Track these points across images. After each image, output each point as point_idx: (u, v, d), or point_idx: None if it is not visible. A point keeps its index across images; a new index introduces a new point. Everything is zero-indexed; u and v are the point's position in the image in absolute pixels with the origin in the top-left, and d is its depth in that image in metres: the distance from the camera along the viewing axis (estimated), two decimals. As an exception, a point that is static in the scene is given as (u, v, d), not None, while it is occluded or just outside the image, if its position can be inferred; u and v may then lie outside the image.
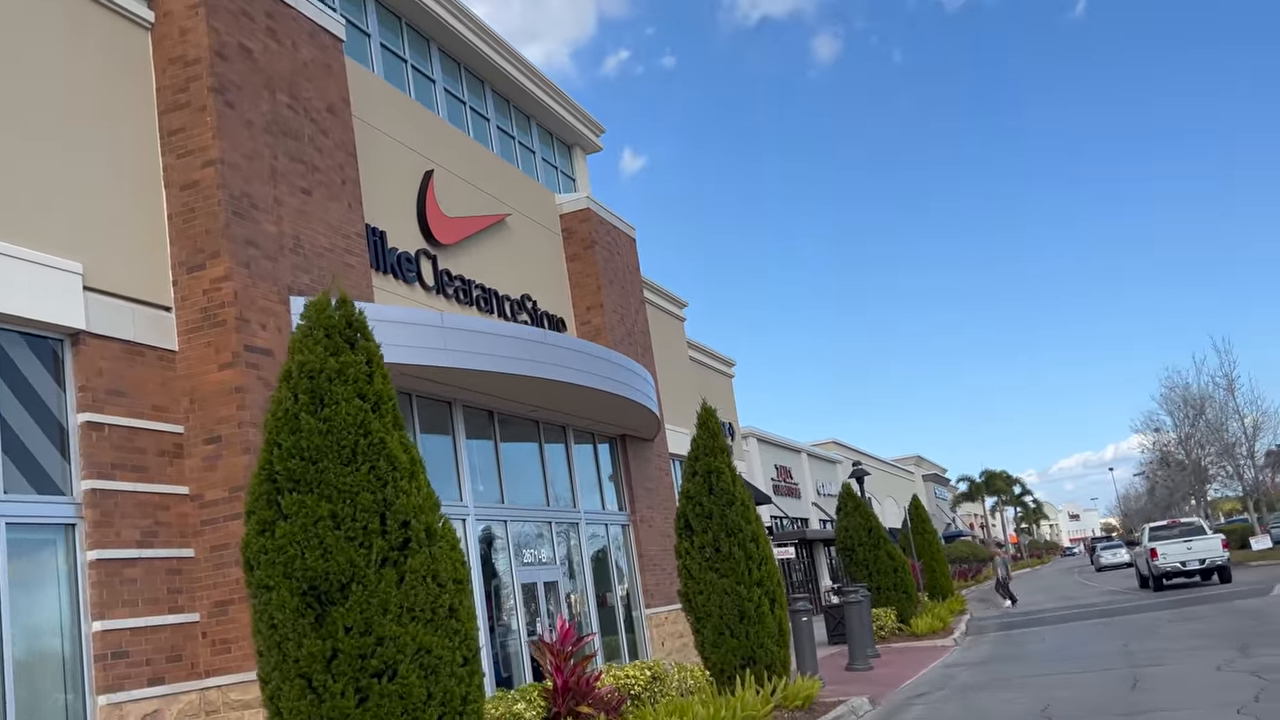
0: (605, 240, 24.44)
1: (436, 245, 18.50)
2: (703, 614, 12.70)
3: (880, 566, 24.69)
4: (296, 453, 6.56)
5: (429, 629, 6.51)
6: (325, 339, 6.84)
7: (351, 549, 6.42)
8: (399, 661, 6.37)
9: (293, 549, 6.41)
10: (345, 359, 6.80)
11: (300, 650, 6.34)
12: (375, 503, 6.55)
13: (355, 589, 6.37)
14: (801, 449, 49.40)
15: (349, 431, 6.61)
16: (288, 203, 14.28)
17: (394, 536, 6.57)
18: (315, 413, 6.64)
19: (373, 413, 6.76)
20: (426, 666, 6.45)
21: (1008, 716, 11.27)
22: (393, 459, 6.69)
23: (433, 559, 6.64)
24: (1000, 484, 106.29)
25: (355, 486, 6.53)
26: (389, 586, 6.43)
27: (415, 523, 6.63)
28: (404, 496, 6.64)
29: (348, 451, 6.60)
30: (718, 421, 13.56)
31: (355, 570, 6.41)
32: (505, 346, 16.65)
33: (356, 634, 6.34)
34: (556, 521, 20.46)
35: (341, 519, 6.47)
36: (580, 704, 8.88)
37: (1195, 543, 31.14)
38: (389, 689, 6.31)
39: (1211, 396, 49.54)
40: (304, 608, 6.39)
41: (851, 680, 16.29)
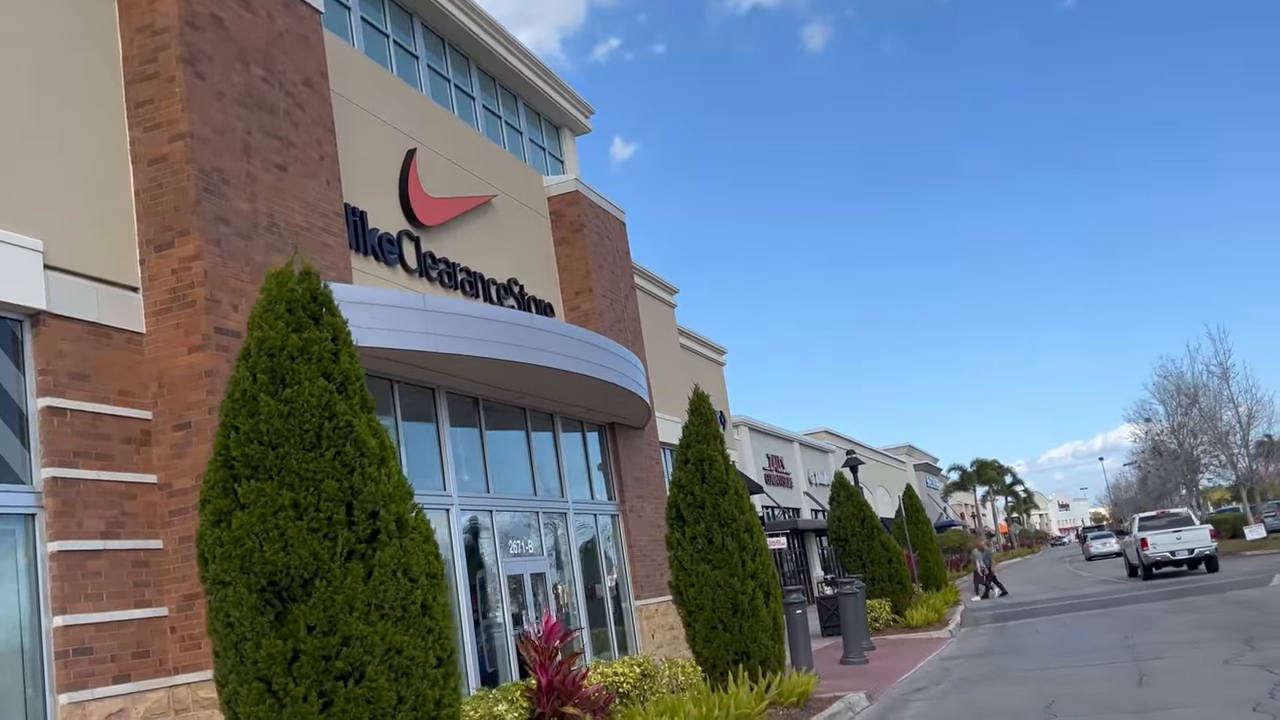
0: (594, 223, 23.91)
1: (420, 227, 17.95)
2: (694, 607, 12.21)
3: (874, 557, 24.24)
4: (255, 437, 6.05)
5: (399, 628, 6.01)
6: (287, 314, 6.32)
7: (315, 541, 5.91)
8: (366, 663, 5.86)
9: (250, 541, 5.90)
10: (309, 335, 6.28)
11: (259, 651, 5.84)
12: (341, 491, 6.04)
13: (319, 585, 5.87)
14: (794, 438, 48.97)
15: (312, 414, 6.10)
16: (262, 179, 13.72)
17: (361, 528, 6.06)
18: (275, 394, 6.12)
19: (338, 394, 6.24)
20: (397, 668, 5.95)
21: (1011, 714, 10.81)
22: (360, 444, 6.18)
23: (404, 552, 6.13)
24: (991, 473, 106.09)
25: (319, 473, 6.02)
26: (356, 582, 5.92)
27: (385, 513, 6.12)
28: (372, 484, 6.13)
29: (311, 435, 6.08)
30: (710, 407, 13.05)
31: (319, 564, 5.90)
32: (490, 330, 16.12)
33: (320, 633, 5.83)
34: (544, 511, 19.97)
35: (304, 509, 5.96)
36: (566, 704, 8.39)
37: (1184, 533, 31.80)
38: (355, 693, 5.81)
39: (1206, 385, 49.24)
40: (263, 605, 5.88)
41: (847, 674, 15.83)
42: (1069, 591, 32.38)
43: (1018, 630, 21.06)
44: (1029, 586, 39.40)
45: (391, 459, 6.36)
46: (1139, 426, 60.54)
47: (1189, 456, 53.82)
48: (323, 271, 14.63)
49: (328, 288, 6.58)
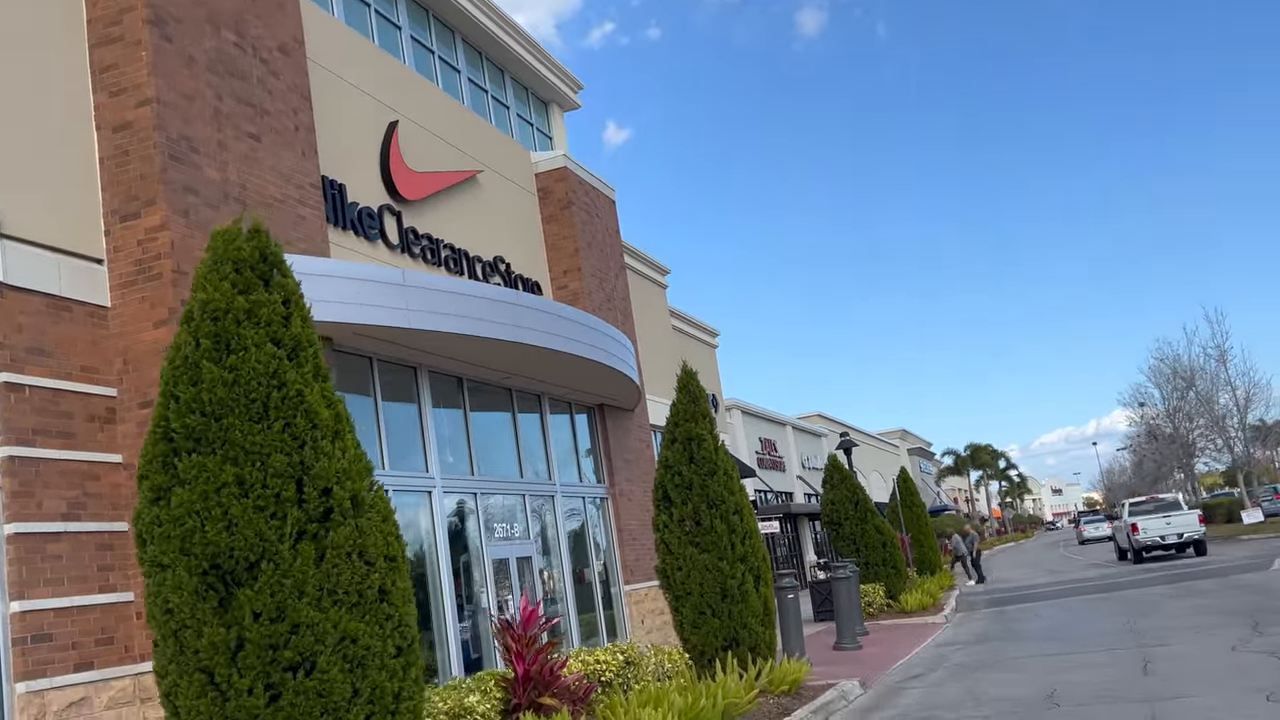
0: (583, 201, 23.38)
1: (401, 201, 17.43)
2: (682, 592, 11.75)
3: (868, 541, 23.81)
4: (196, 407, 5.56)
5: (354, 614, 5.54)
6: (234, 274, 5.82)
7: (261, 520, 5.43)
8: (318, 653, 5.39)
9: (191, 520, 5.41)
10: (257, 297, 5.78)
11: (200, 640, 5.37)
12: (290, 466, 5.56)
13: (265, 567, 5.39)
14: (786, 422, 48.55)
15: (259, 382, 5.61)
16: (233, 148, 13.20)
17: (313, 506, 5.58)
18: (219, 360, 5.63)
19: (289, 361, 5.75)
20: (351, 658, 5.48)
21: (1012, 702, 10.37)
22: (312, 415, 5.69)
23: (359, 532, 5.65)
24: (985, 458, 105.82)
25: (266, 447, 5.53)
26: (306, 564, 5.44)
27: (339, 490, 5.64)
28: (325, 459, 5.65)
29: (258, 406, 5.59)
30: (699, 385, 12.57)
31: (265, 545, 5.43)
32: (473, 307, 15.61)
33: (267, 620, 5.36)
34: (530, 495, 19.49)
35: (249, 485, 5.48)
36: (543, 694, 7.93)
37: (1174, 518, 32.84)
38: (306, 685, 5.34)
39: (1203, 368, 48.83)
40: (204, 590, 5.41)
41: (840, 660, 15.40)
42: (1066, 575, 32.01)
43: (1015, 615, 20.65)
44: (1024, 570, 39.05)
45: (348, 432, 5.88)
46: (1134, 411, 60.29)
47: (1184, 441, 53.47)
48: (297, 245, 14.13)
49: (279, 247, 6.07)
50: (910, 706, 10.90)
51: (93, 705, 10.47)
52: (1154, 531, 32.84)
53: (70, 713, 10.48)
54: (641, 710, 7.82)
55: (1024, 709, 9.87)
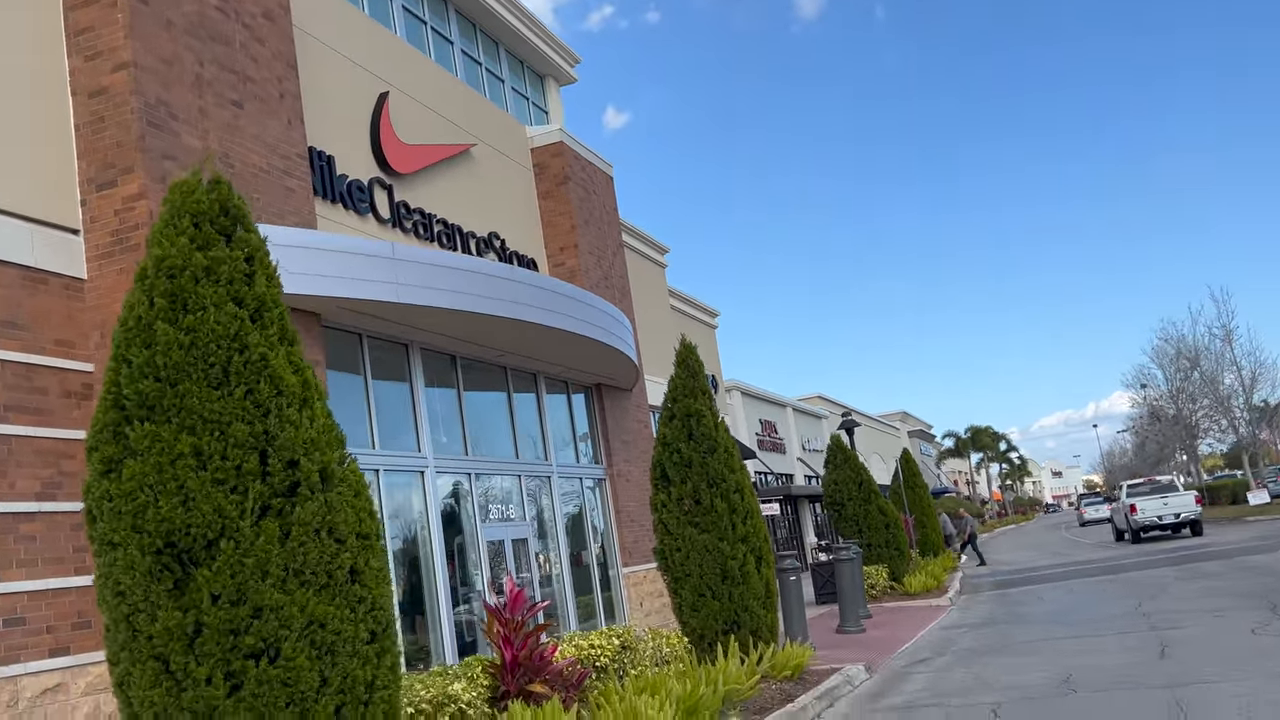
0: (580, 176, 22.89)
1: (392, 174, 16.95)
2: (681, 574, 11.32)
3: (871, 522, 23.39)
4: (150, 372, 5.11)
5: (323, 597, 5.10)
6: (192, 229, 5.37)
7: (220, 495, 5.00)
8: (283, 638, 4.96)
9: (144, 495, 4.98)
10: (217, 254, 5.33)
11: (154, 625, 4.93)
12: (253, 436, 5.12)
13: (225, 546, 4.95)
14: (787, 403, 48.13)
15: (219, 345, 5.16)
16: (215, 115, 12.73)
17: (277, 479, 5.14)
18: (175, 321, 5.18)
19: (251, 322, 5.30)
20: (320, 644, 5.05)
21: (1024, 689, 9.96)
22: (277, 381, 5.25)
23: (328, 508, 5.21)
24: (986, 440, 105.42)
25: (226, 415, 5.09)
26: (270, 543, 5.01)
27: (306, 462, 5.20)
28: (291, 429, 5.20)
29: (217, 371, 5.15)
30: (698, 359, 12.12)
31: (225, 522, 4.99)
32: (465, 282, 15.15)
33: (227, 603, 4.93)
34: (526, 475, 19.08)
35: (208, 456, 5.04)
36: (533, 680, 7.51)
37: (1171, 499, 33.78)
38: (269, 673, 4.91)
39: (1208, 348, 48.33)
40: (158, 570, 4.97)
41: (844, 644, 15.00)
42: (1069, 557, 31.63)
43: (1020, 598, 20.24)
44: (1028, 553, 38.67)
45: (317, 400, 5.43)
46: (1137, 393, 59.86)
47: (1188, 422, 53.03)
48: (284, 217, 13.67)
49: (242, 200, 5.62)
50: (918, 693, 10.48)
51: (69, 691, 10.08)
52: (1151, 512, 33.65)
53: (45, 699, 10.09)
54: (638, 698, 7.41)
55: (1038, 696, 9.45)
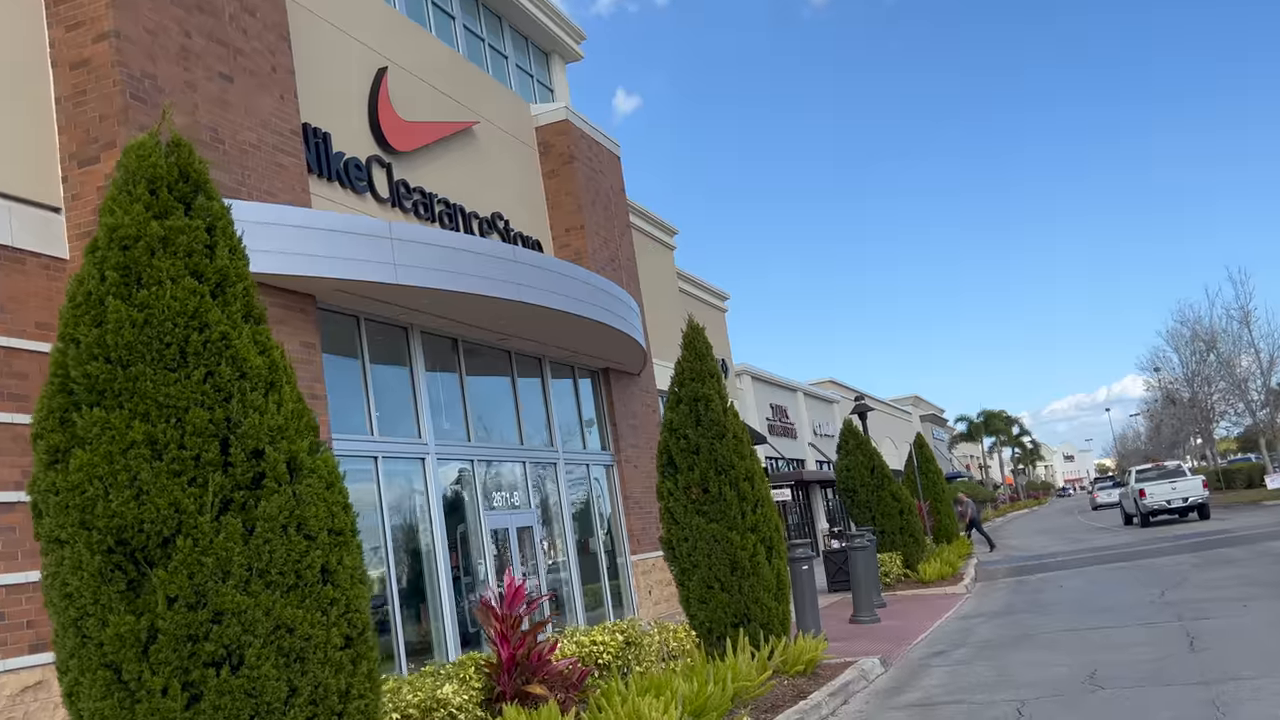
0: (586, 156, 22.36)
1: (391, 152, 16.47)
2: (688, 565, 10.85)
3: (884, 509, 22.89)
4: (100, 352, 4.65)
5: (291, 599, 4.65)
6: (148, 195, 4.90)
7: (177, 487, 4.54)
8: (246, 645, 4.51)
9: (93, 488, 4.53)
10: (175, 223, 4.86)
11: (105, 630, 4.49)
12: (213, 423, 4.66)
13: (182, 544, 4.50)
14: (798, 388, 47.60)
15: (176, 323, 4.70)
16: (203, 88, 12.26)
17: (241, 471, 4.68)
18: (128, 297, 4.72)
19: (212, 298, 4.84)
20: (287, 651, 4.60)
21: (1049, 685, 9.48)
22: (240, 362, 4.78)
23: (297, 502, 4.75)
24: (999, 424, 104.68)
25: (184, 400, 4.63)
26: (231, 540, 4.55)
27: (272, 451, 4.74)
28: (256, 415, 4.74)
29: (174, 351, 4.69)
30: (706, 341, 11.63)
31: (182, 517, 4.54)
32: (467, 263, 14.68)
33: (184, 607, 4.48)
34: (531, 462, 18.64)
35: (163, 445, 4.58)
36: (531, 680, 7.06)
37: (1179, 483, 34.80)
38: (232, 683, 4.46)
39: (1225, 330, 47.57)
40: (109, 570, 4.53)
41: (858, 635, 14.54)
42: (1086, 543, 31.09)
43: (1038, 585, 19.75)
44: (1042, 538, 38.13)
45: (286, 383, 4.97)
46: (1151, 376, 59.17)
47: (1204, 405, 52.33)
48: (276, 195, 13.20)
49: (204, 164, 5.14)
50: (936, 689, 10.01)
51: (51, 689, 9.69)
52: (1160, 496, 34.66)
53: (26, 697, 9.70)
54: (641, 699, 6.96)
55: (1065, 693, 8.98)
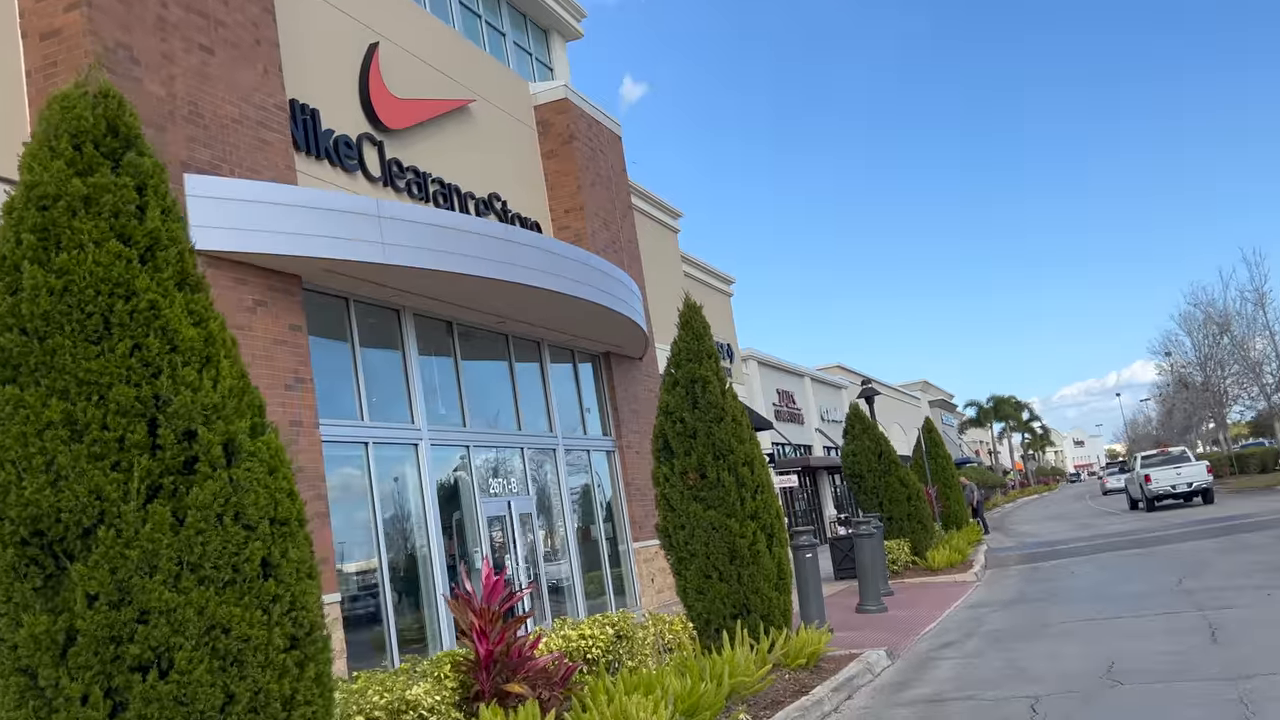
0: (586, 135, 21.85)
1: (383, 130, 15.99)
2: (685, 554, 10.40)
3: (892, 494, 22.41)
4: (14, 323, 4.20)
5: (227, 596, 4.19)
6: (71, 151, 4.44)
7: (98, 473, 4.09)
8: (176, 647, 4.06)
9: (5, 473, 4.08)
10: (100, 181, 4.40)
11: (19, 632, 4.04)
12: (139, 401, 4.21)
13: (104, 535, 4.05)
14: (805, 373, 47.07)
15: (99, 290, 4.24)
16: (181, 61, 11.79)
17: (170, 454, 4.22)
18: (45, 262, 4.26)
19: (141, 264, 4.37)
20: (223, 653, 4.15)
21: (1064, 678, 9.01)
22: (171, 335, 4.32)
23: (235, 488, 4.29)
24: (1009, 409, 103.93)
25: (107, 376, 4.18)
26: (159, 531, 4.10)
27: (206, 432, 4.28)
28: (189, 392, 4.28)
29: (96, 321, 4.23)
30: (704, 320, 11.15)
31: (104, 506, 4.09)
32: (459, 243, 14.21)
33: (106, 605, 4.03)
34: (530, 448, 18.19)
35: (84, 426, 4.13)
36: (511, 679, 6.62)
37: (1183, 469, 35.61)
38: (160, 690, 4.02)
39: (1239, 312, 46.86)
40: (24, 565, 4.08)
41: (863, 625, 14.08)
42: (1098, 529, 30.60)
43: (1051, 573, 19.27)
44: (1053, 524, 37.64)
45: (223, 357, 4.50)
46: (1162, 361, 58.49)
47: (1217, 389, 51.67)
48: (260, 172, 12.73)
49: (136, 117, 4.68)
50: (945, 682, 9.55)
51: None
52: (1165, 482, 35.46)
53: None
54: (629, 697, 6.52)
55: (1082, 688, 8.50)
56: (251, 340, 11.88)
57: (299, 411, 12.34)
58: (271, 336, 12.20)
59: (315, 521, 12.22)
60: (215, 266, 11.67)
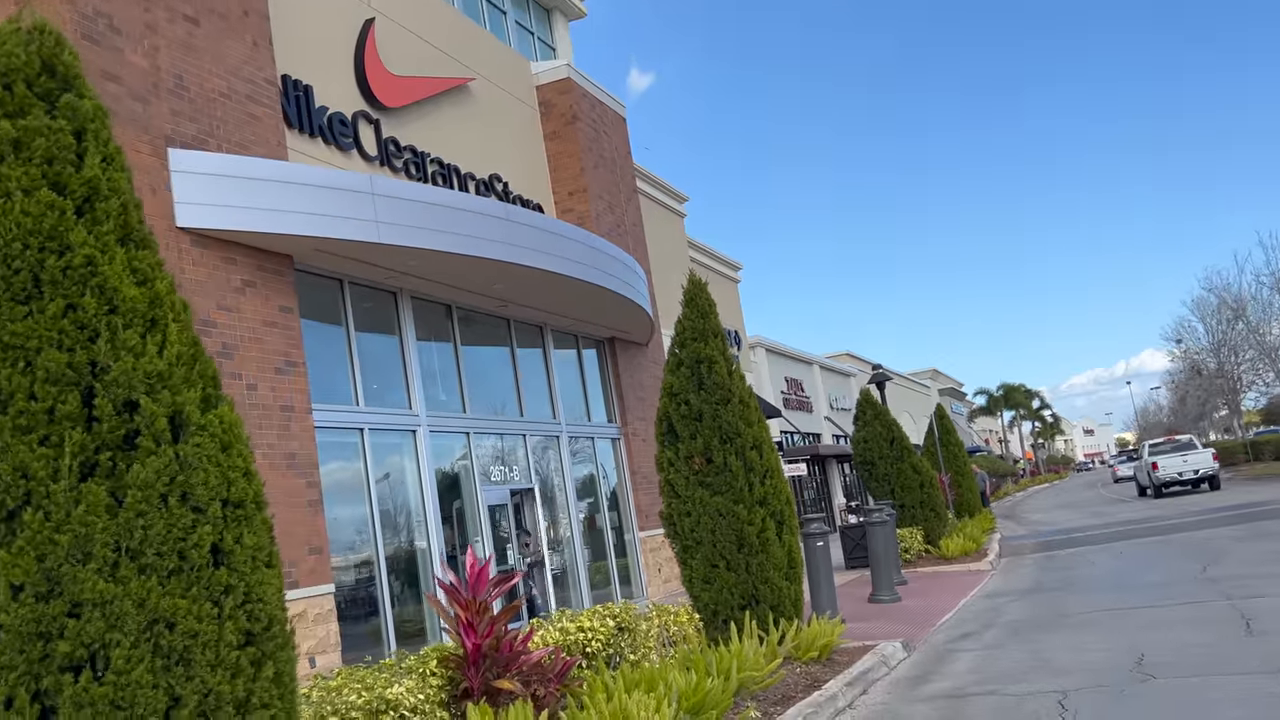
0: (590, 116, 21.35)
1: (380, 108, 15.52)
2: (691, 542, 9.93)
3: (904, 482, 21.92)
4: (-69, 282, 3.74)
5: (172, 586, 3.74)
6: (1, 91, 3.98)
7: (24, 448, 3.63)
8: (113, 644, 3.61)
9: (-81, 449, 3.62)
10: (33, 124, 3.94)
11: (-64, 627, 3.58)
12: (73, 368, 3.75)
13: (30, 519, 3.60)
14: (814, 361, 46.56)
15: (29, 244, 3.78)
16: (165, 31, 11.33)
17: (108, 427, 3.76)
18: (-33, 213, 3.80)
19: (77, 216, 3.91)
20: (167, 651, 3.69)
21: (1091, 671, 8.54)
22: (111, 295, 3.86)
23: (181, 466, 3.83)
24: (1019, 398, 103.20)
25: (35, 339, 3.72)
26: (93, 513, 3.64)
27: (150, 403, 3.82)
28: (130, 359, 3.82)
29: (25, 279, 3.77)
30: (709, 298, 10.67)
31: (31, 485, 3.63)
32: (455, 222, 13.74)
33: (32, 598, 3.58)
34: (532, 435, 17.74)
35: (9, 396, 3.67)
36: (502, 675, 6.17)
37: (1190, 456, 36.28)
38: (95, 692, 3.57)
39: (1255, 297, 46.19)
40: (-59, 552, 3.62)
41: (877, 615, 13.62)
42: (1112, 517, 30.06)
43: (1068, 561, 18.77)
44: (1065, 512, 37.12)
45: (172, 321, 4.04)
46: (1174, 348, 57.85)
47: (1231, 375, 51.04)
48: (249, 147, 12.26)
49: (75, 57, 4.22)
50: (965, 676, 9.08)
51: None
52: (1172, 469, 36.12)
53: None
54: (630, 695, 6.06)
55: (1111, 682, 8.02)
56: (240, 322, 11.44)
57: (290, 396, 11.90)
58: (261, 318, 11.76)
59: (308, 510, 11.79)
60: (202, 245, 11.23)
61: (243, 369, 11.29)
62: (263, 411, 11.43)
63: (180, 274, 10.80)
